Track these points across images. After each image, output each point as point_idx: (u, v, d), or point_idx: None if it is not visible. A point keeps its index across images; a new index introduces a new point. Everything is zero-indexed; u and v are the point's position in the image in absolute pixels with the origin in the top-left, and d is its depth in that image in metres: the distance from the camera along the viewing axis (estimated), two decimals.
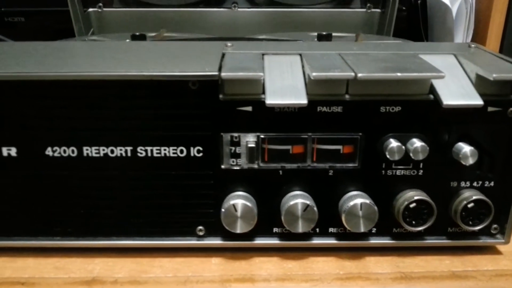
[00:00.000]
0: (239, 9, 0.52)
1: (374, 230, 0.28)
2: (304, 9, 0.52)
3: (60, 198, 0.27)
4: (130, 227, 0.27)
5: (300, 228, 0.26)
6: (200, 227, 0.27)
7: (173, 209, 0.27)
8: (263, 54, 0.28)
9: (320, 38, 0.41)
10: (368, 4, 0.52)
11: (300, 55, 0.28)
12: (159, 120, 0.25)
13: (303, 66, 0.27)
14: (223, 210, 0.26)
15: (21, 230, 0.27)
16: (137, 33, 0.41)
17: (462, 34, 0.64)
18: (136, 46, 0.32)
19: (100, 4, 0.51)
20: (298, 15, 0.53)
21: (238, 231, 0.26)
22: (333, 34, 0.46)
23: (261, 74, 0.24)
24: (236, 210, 0.26)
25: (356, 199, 0.26)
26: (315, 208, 0.26)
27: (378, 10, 0.52)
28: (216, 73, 0.24)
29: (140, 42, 0.35)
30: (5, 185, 0.26)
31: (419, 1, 0.69)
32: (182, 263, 0.28)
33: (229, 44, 0.30)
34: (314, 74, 0.24)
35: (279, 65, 0.27)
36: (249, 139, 0.26)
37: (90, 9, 0.52)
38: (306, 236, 0.28)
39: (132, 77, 0.24)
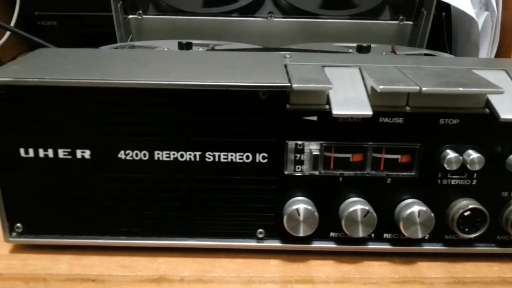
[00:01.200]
0: (275, 19, 0.53)
1: (427, 237, 0.29)
2: (337, 20, 0.54)
3: (129, 199, 0.28)
4: (194, 228, 0.29)
5: (361, 233, 0.27)
6: (261, 230, 0.29)
7: (235, 212, 0.28)
8: (323, 66, 0.29)
9: (360, 49, 0.43)
10: (401, 17, 0.53)
11: (359, 67, 0.29)
12: (228, 127, 0.27)
13: (363, 78, 0.28)
14: (286, 214, 0.27)
15: (88, 229, 0.29)
16: (184, 41, 0.42)
17: (487, 48, 0.66)
18: (197, 56, 0.33)
19: (140, 11, 0.53)
20: (331, 26, 0.54)
21: (301, 234, 0.27)
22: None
23: (331, 86, 0.25)
24: (299, 214, 0.27)
25: (414, 207, 0.27)
26: (375, 214, 0.27)
27: (410, 22, 0.53)
28: (288, 84, 0.25)
29: (200, 52, 0.37)
30: (77, 186, 0.28)
31: (443, 13, 0.71)
32: (242, 264, 0.29)
33: (287, 55, 0.31)
34: (381, 87, 0.25)
35: (340, 77, 0.28)
36: (313, 147, 0.27)
37: (130, 16, 0.53)
38: (361, 241, 0.29)
39: (205, 87, 0.26)
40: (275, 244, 0.29)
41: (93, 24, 0.74)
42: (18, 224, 0.29)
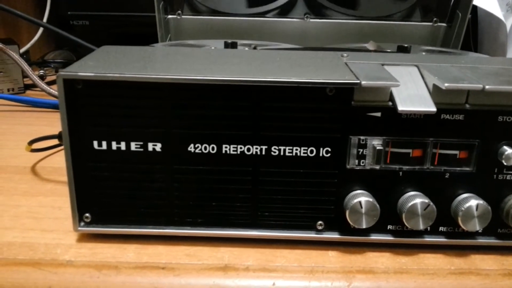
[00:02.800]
0: (311, 20, 0.55)
1: (480, 230, 0.30)
2: (371, 21, 0.55)
3: (195, 191, 0.29)
4: (256, 219, 0.30)
5: (421, 225, 0.28)
6: (320, 222, 0.30)
7: (297, 204, 0.29)
8: (382, 64, 0.30)
9: (401, 49, 0.44)
10: (435, 18, 0.54)
11: (417, 66, 0.30)
12: (294, 122, 0.28)
13: (422, 76, 0.29)
14: (349, 207, 0.28)
15: (155, 219, 0.30)
16: (229, 41, 0.43)
17: None
18: (259, 54, 0.34)
19: (179, 11, 0.54)
20: (366, 26, 0.55)
21: (364, 226, 0.28)
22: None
23: (398, 83, 0.26)
24: (361, 207, 0.28)
25: (471, 201, 0.28)
26: (434, 207, 0.28)
27: (444, 24, 0.54)
28: (357, 81, 0.26)
29: (262, 51, 0.38)
30: (147, 177, 0.29)
31: (469, 15, 0.72)
32: (302, 254, 0.30)
33: (344, 54, 0.32)
34: (446, 84, 0.26)
35: (399, 75, 0.29)
36: (376, 142, 0.28)
37: (170, 16, 0.55)
38: (418, 234, 0.30)
39: (278, 83, 0.27)
40: (334, 236, 0.30)
41: (123, 24, 0.76)
42: (87, 214, 0.30)
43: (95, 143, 0.28)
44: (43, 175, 0.40)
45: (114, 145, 0.28)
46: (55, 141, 0.40)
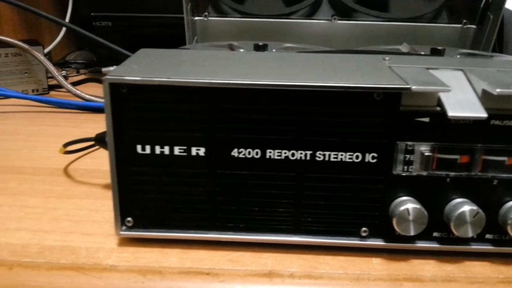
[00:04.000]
0: (338, 21, 0.54)
1: None
2: (399, 23, 0.54)
3: (238, 196, 0.29)
4: (299, 225, 0.29)
5: (470, 233, 0.28)
6: (365, 228, 0.29)
7: (341, 210, 0.29)
8: (427, 69, 0.30)
9: (435, 52, 0.43)
10: (464, 20, 0.53)
11: (462, 70, 0.30)
12: (340, 127, 0.27)
13: (469, 81, 0.29)
14: (396, 214, 0.28)
15: (196, 223, 0.30)
16: (260, 43, 0.43)
17: None
18: (300, 58, 0.34)
19: (206, 13, 0.54)
20: (394, 28, 0.54)
21: (412, 233, 0.28)
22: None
23: (449, 88, 0.26)
24: (409, 214, 0.28)
25: None
26: (483, 215, 0.27)
27: (474, 26, 0.53)
28: (406, 86, 0.26)
29: (301, 54, 0.37)
30: (189, 182, 0.29)
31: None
32: (345, 261, 0.29)
33: (386, 58, 0.32)
34: (498, 90, 0.25)
35: (446, 80, 0.28)
36: (424, 148, 0.28)
37: (196, 18, 0.54)
38: (464, 241, 0.29)
39: (321, 87, 0.27)
40: (379, 243, 0.29)
41: (144, 25, 0.76)
42: (129, 218, 0.30)
43: (139, 147, 0.28)
44: (76, 177, 0.40)
45: (157, 149, 0.28)
46: (84, 143, 0.41)
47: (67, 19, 0.78)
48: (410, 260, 0.30)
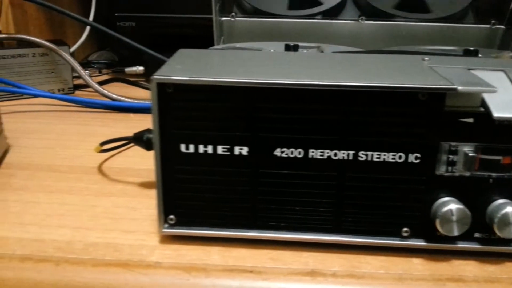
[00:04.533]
0: (365, 22, 0.54)
1: None
2: (427, 24, 0.54)
3: (280, 195, 0.29)
4: (340, 224, 0.30)
5: None
6: (406, 229, 0.29)
7: (382, 210, 0.29)
8: (468, 69, 0.30)
9: (468, 52, 0.43)
10: (493, 21, 0.53)
11: (504, 71, 0.30)
12: (383, 127, 0.28)
13: (511, 82, 0.29)
14: (439, 215, 0.28)
15: (238, 222, 0.30)
16: (291, 43, 0.43)
17: None
18: (338, 58, 0.34)
19: (233, 13, 0.54)
20: (421, 29, 0.54)
21: (455, 234, 0.28)
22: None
23: (495, 89, 0.26)
24: (452, 215, 0.28)
25: None
26: None
27: (502, 26, 0.53)
28: (452, 86, 0.26)
29: (338, 54, 0.37)
30: (232, 180, 0.29)
31: None
32: (386, 261, 0.30)
33: (426, 58, 0.32)
34: None
35: (488, 80, 0.28)
36: (467, 148, 0.28)
37: (224, 18, 0.55)
38: (504, 242, 0.29)
39: (366, 88, 0.27)
40: (420, 243, 0.29)
41: (167, 25, 0.76)
42: (171, 216, 0.30)
43: (183, 146, 0.29)
44: (111, 175, 0.41)
45: (201, 148, 0.29)
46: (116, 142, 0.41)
47: (91, 18, 0.78)
48: (451, 261, 0.30)
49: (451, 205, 0.28)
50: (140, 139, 0.35)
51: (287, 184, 0.29)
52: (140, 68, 0.73)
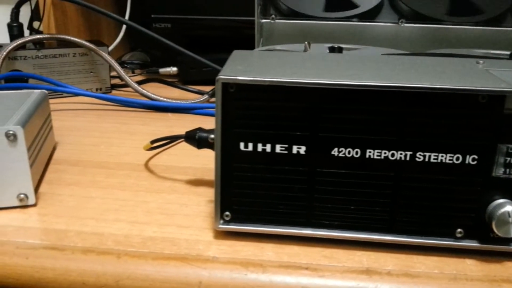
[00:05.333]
0: (405, 25, 0.54)
1: None
2: (466, 27, 0.54)
3: (335, 194, 0.30)
4: (394, 224, 0.30)
5: None
6: (460, 230, 0.30)
7: (437, 211, 0.30)
8: None
9: None
10: None
11: None
12: (441, 129, 0.28)
13: None
14: (495, 216, 0.28)
15: (292, 219, 0.31)
16: (336, 45, 0.44)
17: None
18: (391, 60, 0.34)
19: (273, 15, 0.55)
20: (460, 32, 0.54)
21: None
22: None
23: None
24: (509, 216, 0.28)
25: None
26: None
27: None
28: None
29: (393, 57, 0.38)
30: (289, 179, 0.30)
31: None
32: (439, 261, 0.30)
33: (480, 61, 0.32)
34: None
35: None
36: None
37: (263, 20, 0.56)
38: None
39: (426, 89, 0.27)
40: (474, 244, 0.30)
41: (201, 27, 0.77)
42: (227, 213, 0.31)
43: (242, 145, 0.29)
44: (159, 172, 0.42)
45: (259, 147, 0.29)
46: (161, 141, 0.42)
47: (127, 17, 0.80)
48: (504, 262, 0.30)
49: (507, 207, 0.28)
50: (192, 138, 0.36)
51: (343, 184, 0.30)
52: (173, 69, 0.74)
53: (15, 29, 0.65)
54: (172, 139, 0.39)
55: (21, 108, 0.39)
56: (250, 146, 0.29)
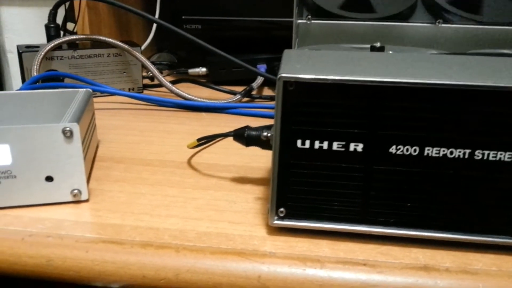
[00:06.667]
0: (443, 25, 0.54)
1: None
2: (504, 27, 0.54)
3: (393, 191, 0.30)
4: (451, 222, 0.30)
5: None
6: None
7: (495, 209, 0.29)
8: None
9: None
10: None
11: None
12: (501, 127, 0.28)
13: None
14: None
15: (347, 216, 0.31)
16: (377, 45, 0.44)
17: None
18: (439, 58, 0.34)
19: (309, 16, 0.56)
20: (497, 32, 0.54)
21: None
22: None
23: None
24: None
25: None
26: None
27: None
28: None
29: (438, 55, 0.38)
30: (345, 176, 0.30)
31: None
32: (495, 259, 0.30)
33: None
34: None
35: None
36: None
37: (299, 21, 0.56)
38: None
39: (486, 87, 0.27)
40: None
41: (231, 28, 0.78)
42: (282, 209, 0.31)
43: (299, 142, 0.30)
44: (202, 170, 0.43)
45: (316, 144, 0.30)
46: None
47: (156, 15, 0.81)
48: None
49: None
50: (241, 136, 0.36)
51: (400, 181, 0.30)
52: (203, 70, 0.75)
53: (52, 30, 0.66)
54: (219, 137, 0.40)
55: (72, 105, 0.40)
56: (307, 144, 0.30)
